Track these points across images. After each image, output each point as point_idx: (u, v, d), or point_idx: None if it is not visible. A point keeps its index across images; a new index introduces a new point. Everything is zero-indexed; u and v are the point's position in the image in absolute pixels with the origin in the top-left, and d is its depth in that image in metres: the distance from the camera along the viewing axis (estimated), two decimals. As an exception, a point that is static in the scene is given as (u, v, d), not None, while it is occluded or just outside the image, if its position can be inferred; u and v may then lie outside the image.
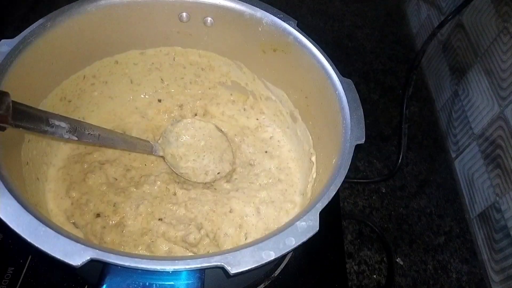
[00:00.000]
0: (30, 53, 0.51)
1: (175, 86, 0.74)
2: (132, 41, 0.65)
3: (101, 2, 0.58)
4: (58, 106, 0.60)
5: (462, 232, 0.84)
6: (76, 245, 0.37)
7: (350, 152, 0.49)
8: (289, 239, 0.41)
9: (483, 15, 0.87)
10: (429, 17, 1.13)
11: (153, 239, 0.57)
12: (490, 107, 0.82)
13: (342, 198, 0.86)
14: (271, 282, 0.64)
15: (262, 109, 0.74)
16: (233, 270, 0.38)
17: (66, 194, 0.60)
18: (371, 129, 0.98)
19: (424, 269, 0.79)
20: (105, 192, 0.61)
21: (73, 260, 0.36)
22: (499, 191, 0.77)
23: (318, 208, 0.44)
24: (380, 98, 1.06)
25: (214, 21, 0.64)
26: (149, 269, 0.38)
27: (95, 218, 0.58)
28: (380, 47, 1.18)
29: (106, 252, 0.37)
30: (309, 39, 0.59)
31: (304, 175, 0.66)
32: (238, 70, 0.70)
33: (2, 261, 0.61)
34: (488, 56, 0.85)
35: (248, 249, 0.39)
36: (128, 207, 0.59)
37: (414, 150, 0.96)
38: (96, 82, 0.66)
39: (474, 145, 0.87)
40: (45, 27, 0.53)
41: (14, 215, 0.38)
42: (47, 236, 0.37)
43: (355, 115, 0.53)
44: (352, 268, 0.77)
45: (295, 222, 0.42)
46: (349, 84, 0.56)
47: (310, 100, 0.63)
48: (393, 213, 0.86)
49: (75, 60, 0.61)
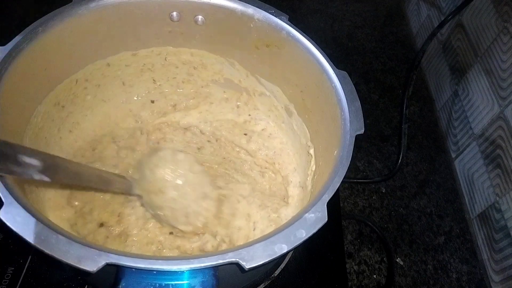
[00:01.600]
0: (23, 59, 0.50)
1: (167, 86, 0.74)
2: (124, 42, 0.65)
3: (92, 5, 0.57)
4: (52, 112, 0.59)
5: (462, 232, 0.84)
6: (90, 250, 0.37)
7: (351, 143, 0.50)
8: (299, 232, 0.41)
9: (483, 15, 0.87)
10: (429, 17, 1.13)
11: (159, 247, 0.56)
12: (490, 107, 0.82)
13: (342, 198, 0.86)
14: (271, 282, 0.64)
15: (256, 105, 0.74)
16: (247, 265, 0.39)
17: (68, 203, 0.58)
18: (371, 129, 0.98)
19: (424, 269, 0.79)
20: (109, 202, 0.59)
21: (88, 266, 0.36)
22: (499, 191, 0.77)
23: (325, 199, 0.44)
24: (380, 98, 1.06)
25: (205, 19, 0.63)
26: (164, 270, 0.38)
27: (98, 227, 0.57)
28: (380, 47, 1.18)
29: (121, 255, 0.37)
30: (302, 34, 0.59)
31: (303, 168, 0.67)
32: (231, 67, 0.70)
33: (2, 261, 0.61)
34: (488, 56, 0.85)
35: (260, 243, 0.40)
36: (135, 219, 0.58)
37: (414, 150, 0.96)
38: (88, 86, 0.65)
39: (474, 145, 0.87)
40: (37, 32, 0.52)
41: (24, 224, 0.38)
42: (60, 244, 0.37)
43: (353, 106, 0.53)
44: (352, 268, 0.77)
45: (304, 214, 0.43)
46: (344, 76, 0.56)
47: (305, 94, 0.63)
48: (393, 213, 0.86)
49: (67, 64, 0.60)
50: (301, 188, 0.66)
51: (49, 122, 0.60)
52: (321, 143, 0.60)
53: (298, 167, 0.69)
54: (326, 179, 0.48)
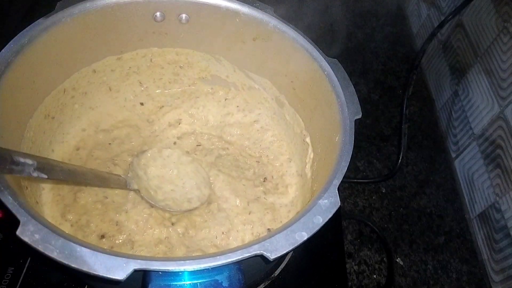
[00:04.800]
0: (11, 73, 0.49)
1: (154, 87, 0.73)
2: (108, 47, 0.64)
3: (75, 11, 0.56)
4: (43, 124, 0.59)
5: (462, 232, 0.84)
6: (116, 259, 0.37)
7: (351, 127, 0.51)
8: (316, 218, 0.43)
9: (483, 15, 0.87)
10: (429, 17, 1.13)
11: (169, 246, 0.56)
12: (490, 107, 0.82)
13: (342, 198, 0.86)
14: (271, 282, 0.64)
15: (245, 99, 0.74)
16: (272, 255, 0.40)
17: (62, 217, 0.57)
18: (371, 129, 0.98)
19: (424, 269, 0.79)
20: (103, 211, 0.58)
21: (117, 275, 0.36)
22: (499, 191, 0.77)
23: (335, 184, 0.46)
24: (380, 98, 1.06)
25: (190, 17, 0.63)
26: (193, 270, 0.38)
27: (100, 239, 0.56)
28: (380, 47, 1.18)
29: (148, 260, 0.37)
30: (289, 25, 0.60)
31: (299, 156, 0.67)
32: (217, 63, 0.70)
33: (2, 261, 0.61)
34: (488, 56, 0.85)
35: (281, 233, 0.41)
36: (134, 225, 0.57)
37: (414, 150, 0.96)
38: (76, 94, 0.64)
39: (474, 145, 0.87)
40: (22, 45, 0.51)
41: (45, 241, 0.37)
42: (85, 256, 0.37)
43: (347, 92, 0.54)
44: (352, 268, 0.77)
45: (318, 201, 0.44)
46: (335, 64, 0.57)
47: (296, 84, 0.63)
48: (393, 213, 0.85)
49: (55, 74, 0.59)
50: (300, 176, 0.67)
51: (41, 135, 0.59)
52: (317, 131, 0.61)
53: (294, 156, 0.69)
54: (332, 165, 0.49)
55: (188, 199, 0.60)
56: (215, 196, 0.63)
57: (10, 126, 0.50)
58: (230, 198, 0.63)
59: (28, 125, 0.55)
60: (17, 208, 0.39)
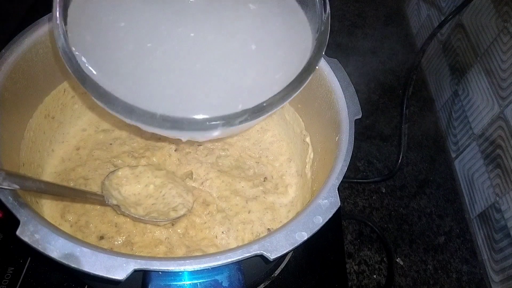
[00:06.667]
0: (11, 73, 0.50)
1: None
2: None
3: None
4: (43, 124, 0.59)
5: (462, 232, 0.84)
6: (116, 259, 0.37)
7: (351, 128, 0.51)
8: (316, 218, 0.43)
9: (483, 15, 0.87)
10: (429, 17, 1.13)
11: (169, 246, 0.56)
12: (490, 107, 0.82)
13: (342, 198, 0.86)
14: (271, 282, 0.64)
15: None
16: (272, 255, 0.40)
17: (62, 218, 0.57)
18: (371, 129, 0.98)
19: (424, 269, 0.79)
20: (102, 212, 0.58)
21: (117, 275, 0.36)
22: (499, 191, 0.77)
23: (335, 184, 0.46)
24: (380, 98, 1.06)
25: None
26: (193, 270, 0.38)
27: (99, 240, 0.56)
28: (380, 47, 1.18)
29: (148, 260, 0.37)
30: None
31: (299, 156, 0.67)
32: None
33: (2, 261, 0.61)
34: (488, 56, 0.85)
35: (281, 233, 0.41)
36: (132, 226, 0.57)
37: (414, 150, 0.96)
38: (76, 94, 0.64)
39: (474, 145, 0.87)
40: (22, 45, 0.51)
41: (45, 241, 0.37)
42: (85, 256, 0.37)
43: (348, 92, 0.54)
44: (352, 268, 0.77)
45: (318, 201, 0.44)
46: (335, 63, 0.57)
47: None
48: (393, 213, 0.86)
49: (54, 75, 0.59)
50: (300, 176, 0.67)
51: (41, 135, 0.59)
52: (318, 130, 0.61)
53: (294, 156, 0.69)
54: (331, 165, 0.49)
55: (172, 208, 0.58)
56: (213, 197, 0.63)
57: (10, 126, 0.50)
58: (230, 197, 0.63)
59: (28, 125, 0.55)
60: (17, 208, 0.39)
